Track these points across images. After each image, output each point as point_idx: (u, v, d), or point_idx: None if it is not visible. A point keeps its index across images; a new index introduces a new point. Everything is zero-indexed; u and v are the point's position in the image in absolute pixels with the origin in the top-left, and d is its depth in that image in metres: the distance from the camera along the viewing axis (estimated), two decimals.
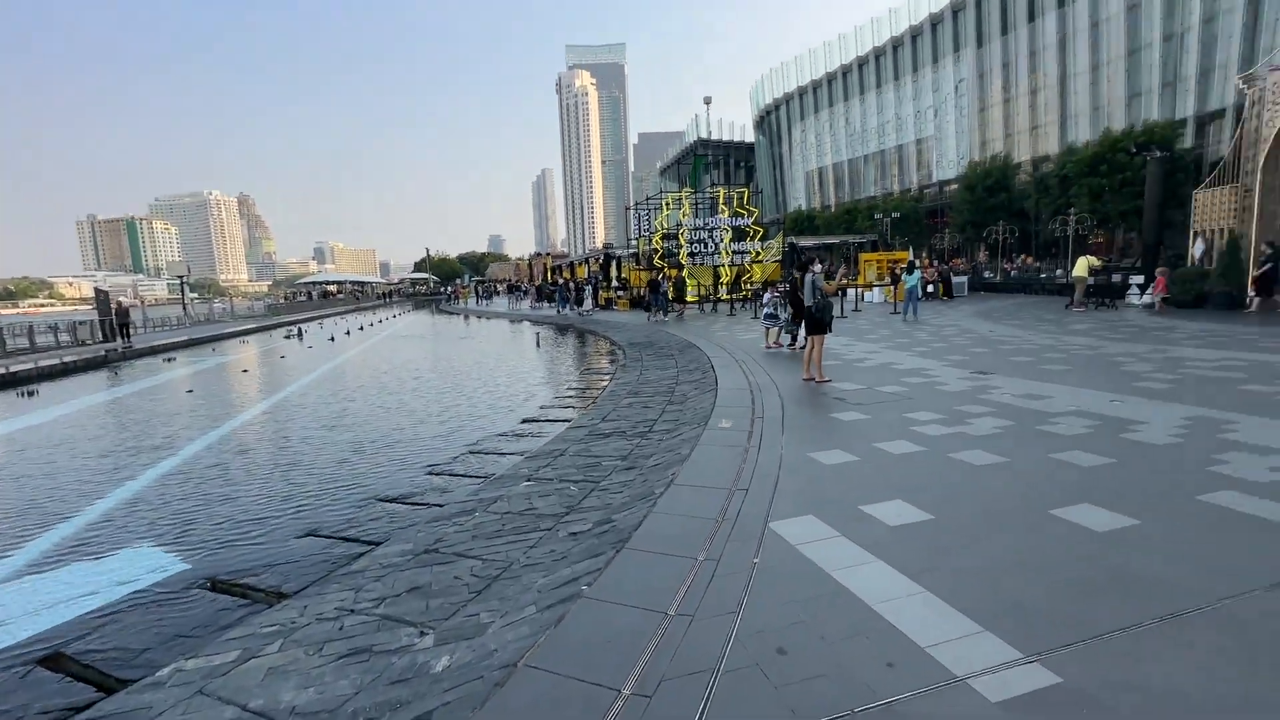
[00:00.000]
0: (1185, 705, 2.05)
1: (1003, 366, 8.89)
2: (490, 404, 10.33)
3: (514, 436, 7.99)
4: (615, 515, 4.21)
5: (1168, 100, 34.86)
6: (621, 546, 3.53)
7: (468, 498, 5.42)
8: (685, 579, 3.06)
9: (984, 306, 19.71)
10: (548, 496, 5.02)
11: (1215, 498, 3.79)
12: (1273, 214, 15.15)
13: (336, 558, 4.58)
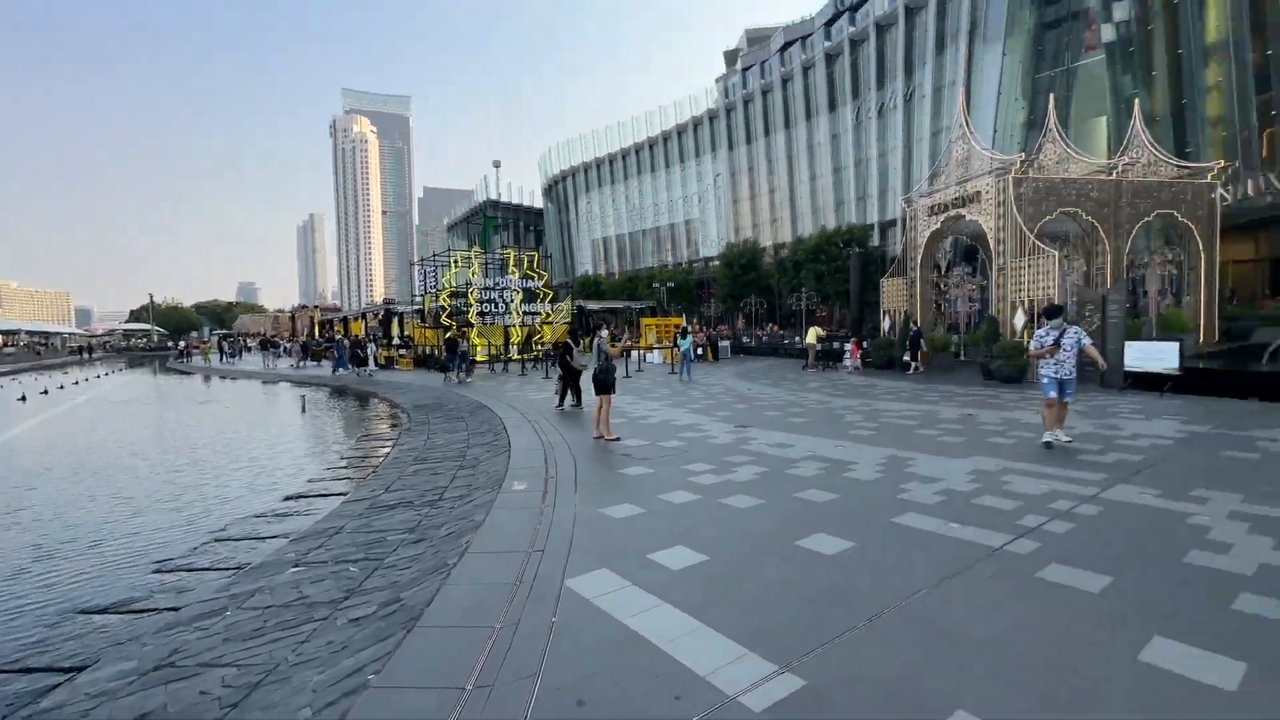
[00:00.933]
0: (888, 688, 2.64)
1: (758, 420, 10.38)
2: (245, 482, 8.85)
3: (276, 517, 6.96)
4: (404, 593, 3.96)
5: (862, 208, 44.93)
6: (413, 625, 3.35)
7: (215, 595, 4.58)
8: (483, 649, 3.02)
9: (743, 368, 22.73)
10: (321, 581, 4.50)
11: (903, 519, 4.92)
12: (929, 299, 20.36)
13: (14, 697, 3.50)
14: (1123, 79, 31.29)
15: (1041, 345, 7.51)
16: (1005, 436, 8.24)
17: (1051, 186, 16.44)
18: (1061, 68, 37.00)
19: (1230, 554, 3.97)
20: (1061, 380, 7.43)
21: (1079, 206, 16.59)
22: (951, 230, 19.72)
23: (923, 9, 40.90)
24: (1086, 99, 35.36)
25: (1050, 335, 7.49)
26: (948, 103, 37.47)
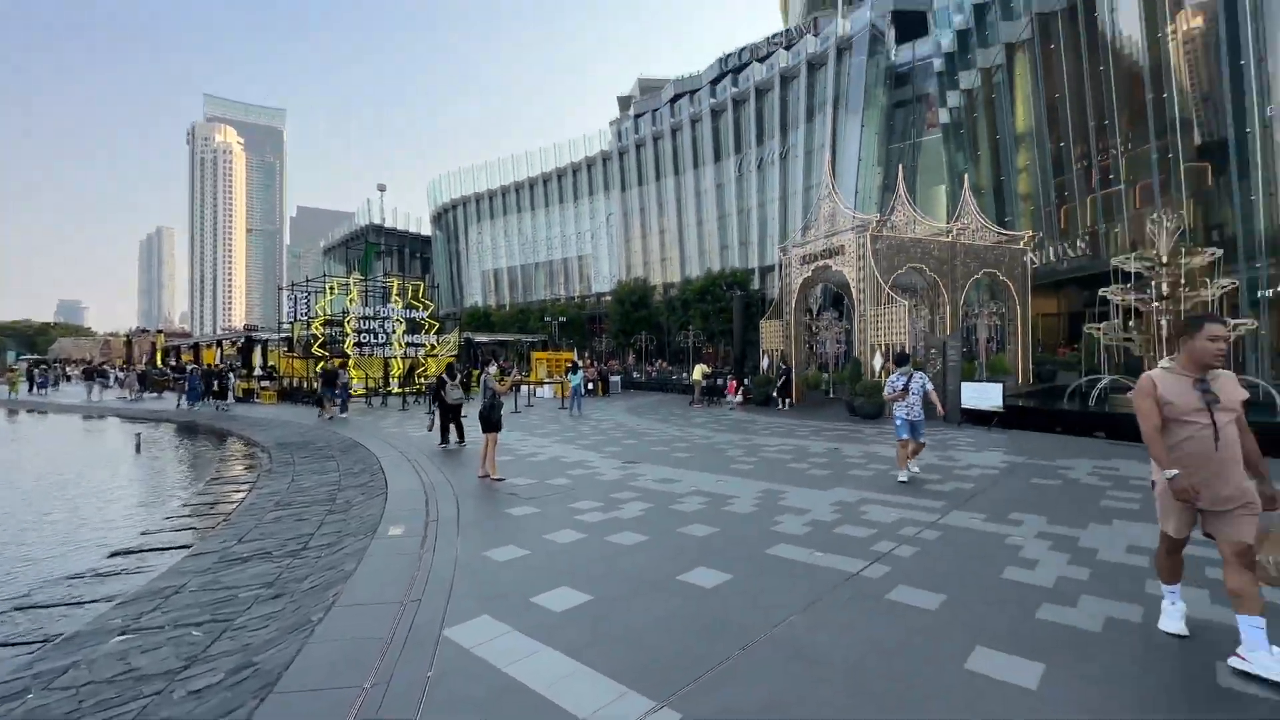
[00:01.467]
0: (759, 716, 2.82)
1: (646, 456, 10.61)
2: (61, 537, 7.59)
3: (98, 578, 6.04)
4: (258, 656, 3.61)
5: (744, 253, 47.95)
6: (267, 693, 3.06)
7: (12, 675, 3.89)
8: (349, 712, 2.84)
9: (633, 403, 23.13)
10: (155, 650, 3.98)
11: (775, 550, 5.26)
12: (802, 340, 22.05)
13: None
14: (956, 155, 36.41)
15: (893, 390, 8.13)
16: (865, 469, 9.07)
17: (901, 244, 18.64)
18: (909, 141, 42.40)
19: (1036, 569, 4.66)
20: (912, 422, 8.06)
21: (924, 263, 18.91)
22: (821, 278, 21.61)
23: (795, 79, 45.29)
24: (929, 170, 40.68)
25: (900, 380, 8.12)
26: (817, 163, 41.45)
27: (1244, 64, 19.21)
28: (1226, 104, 20.10)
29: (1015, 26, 29.03)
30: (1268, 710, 2.78)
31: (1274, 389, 13.24)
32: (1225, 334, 3.18)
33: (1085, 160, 26.49)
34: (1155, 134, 22.86)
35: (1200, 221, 22.16)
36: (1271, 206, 18.90)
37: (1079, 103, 26.12)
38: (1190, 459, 3.15)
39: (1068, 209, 27.84)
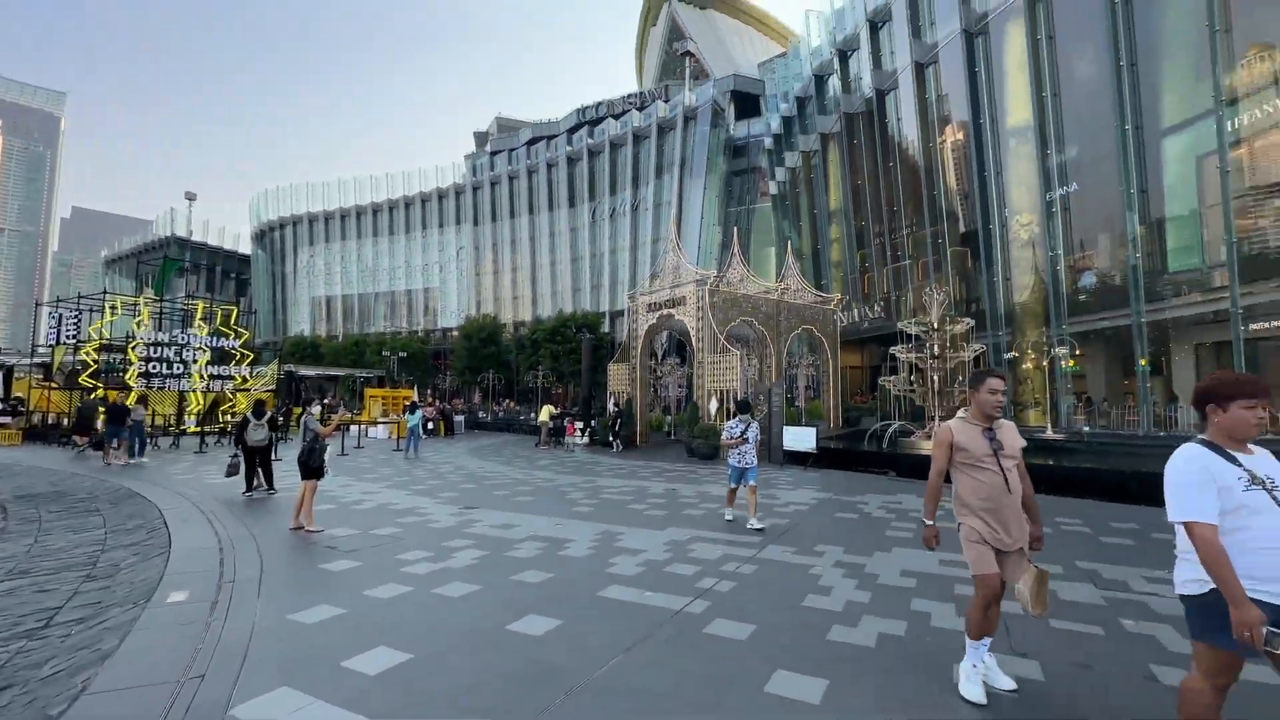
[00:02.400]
0: None
1: (486, 500, 10.29)
2: None
3: None
4: None
5: (595, 296, 49.19)
6: None
7: None
8: None
9: (477, 444, 22.29)
10: None
11: (607, 592, 5.39)
12: (647, 383, 23.01)
13: None
14: (783, 223, 41.11)
15: (730, 436, 8.19)
16: (697, 509, 9.63)
17: (735, 299, 20.48)
18: (745, 206, 47.08)
19: (830, 595, 5.30)
20: (744, 469, 8.17)
21: (754, 317, 20.90)
22: (665, 326, 22.89)
23: (646, 139, 48.44)
24: (762, 232, 45.39)
25: (738, 427, 8.19)
26: (665, 218, 44.31)
27: (987, 175, 24.34)
28: (978, 204, 25.19)
29: (828, 120, 33.97)
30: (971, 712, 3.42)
31: None
32: (1003, 387, 3.44)
33: (881, 238, 31.39)
34: (930, 221, 27.84)
35: (964, 295, 27.18)
36: (1007, 289, 23.86)
37: (876, 189, 31.06)
38: (990, 502, 3.38)
39: (869, 277, 32.61)
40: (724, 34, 73.38)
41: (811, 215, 37.26)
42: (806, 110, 36.24)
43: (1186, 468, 2.44)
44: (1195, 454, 2.46)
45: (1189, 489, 2.39)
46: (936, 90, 27.05)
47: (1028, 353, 22.44)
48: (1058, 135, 21.99)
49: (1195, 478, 2.40)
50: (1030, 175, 22.75)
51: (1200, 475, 2.39)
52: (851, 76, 31.94)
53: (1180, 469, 2.45)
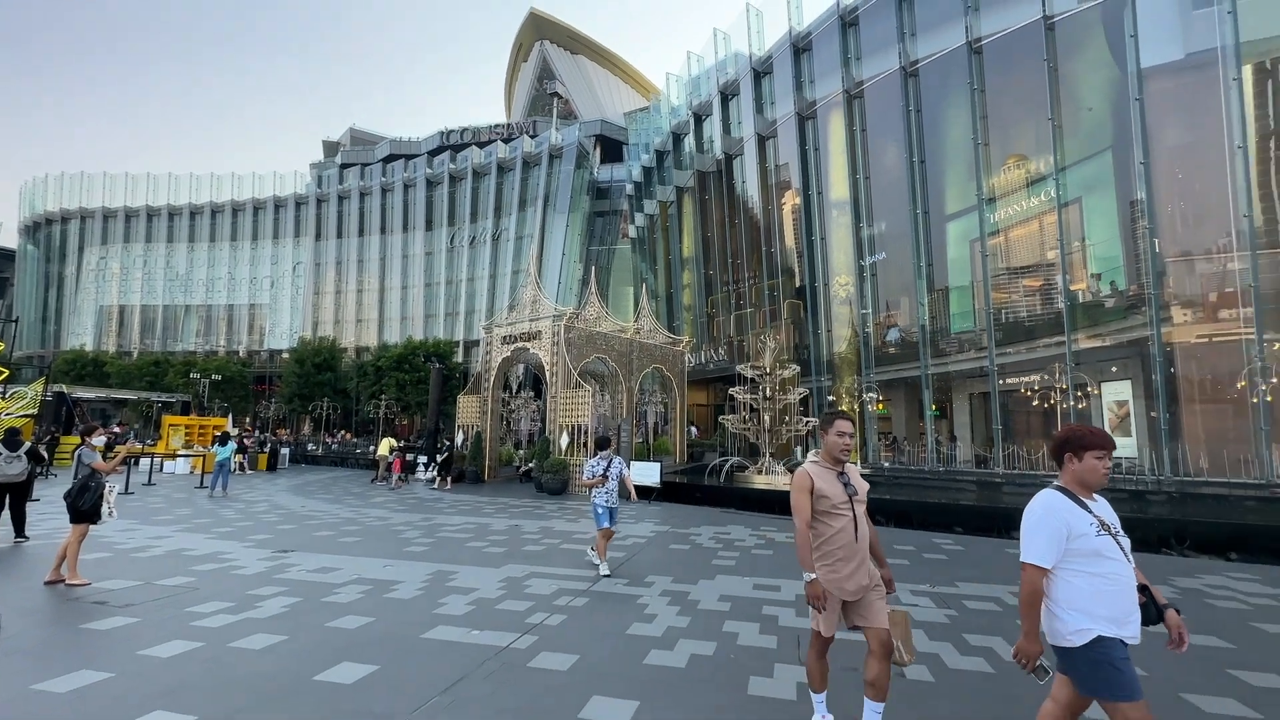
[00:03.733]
0: None
1: (306, 542, 9.40)
2: None
3: None
4: None
5: (450, 325, 47.40)
6: None
7: None
8: None
9: (301, 480, 20.20)
10: None
11: (432, 633, 5.24)
12: (499, 416, 22.52)
13: None
14: (642, 265, 43.01)
15: (593, 474, 7.74)
16: (539, 544, 9.63)
17: (590, 336, 20.99)
18: (607, 246, 48.58)
19: (653, 622, 5.62)
20: (612, 509, 7.77)
21: (608, 354, 21.53)
22: (520, 359, 22.72)
23: (511, 171, 48.48)
24: (621, 272, 47.01)
25: (600, 465, 7.74)
26: (526, 250, 44.29)
27: (815, 239, 27.72)
28: (808, 264, 28.48)
29: (684, 175, 36.59)
30: None
31: None
32: (852, 429, 3.36)
33: (728, 286, 34.11)
34: (769, 275, 30.87)
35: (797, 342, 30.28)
36: (829, 339, 27.11)
37: (724, 242, 33.82)
38: (843, 549, 3.23)
39: (716, 321, 35.14)
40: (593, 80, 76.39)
41: (667, 260, 39.48)
42: (665, 163, 38.74)
43: (1047, 517, 2.56)
44: (1057, 504, 2.59)
45: (1042, 534, 2.53)
46: (776, 160, 30.43)
47: (843, 396, 25.50)
48: (869, 211, 25.75)
49: (1052, 527, 2.53)
50: (848, 242, 26.27)
51: (1057, 526, 2.52)
52: (705, 138, 34.85)
53: (1040, 516, 2.57)
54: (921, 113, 23.71)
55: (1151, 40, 17.98)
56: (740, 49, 30.86)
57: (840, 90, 25.72)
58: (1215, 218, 17.29)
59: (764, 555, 8.88)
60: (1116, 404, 19.78)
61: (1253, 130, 17.24)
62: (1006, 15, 21.09)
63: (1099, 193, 19.97)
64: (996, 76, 21.75)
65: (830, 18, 25.81)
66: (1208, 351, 17.35)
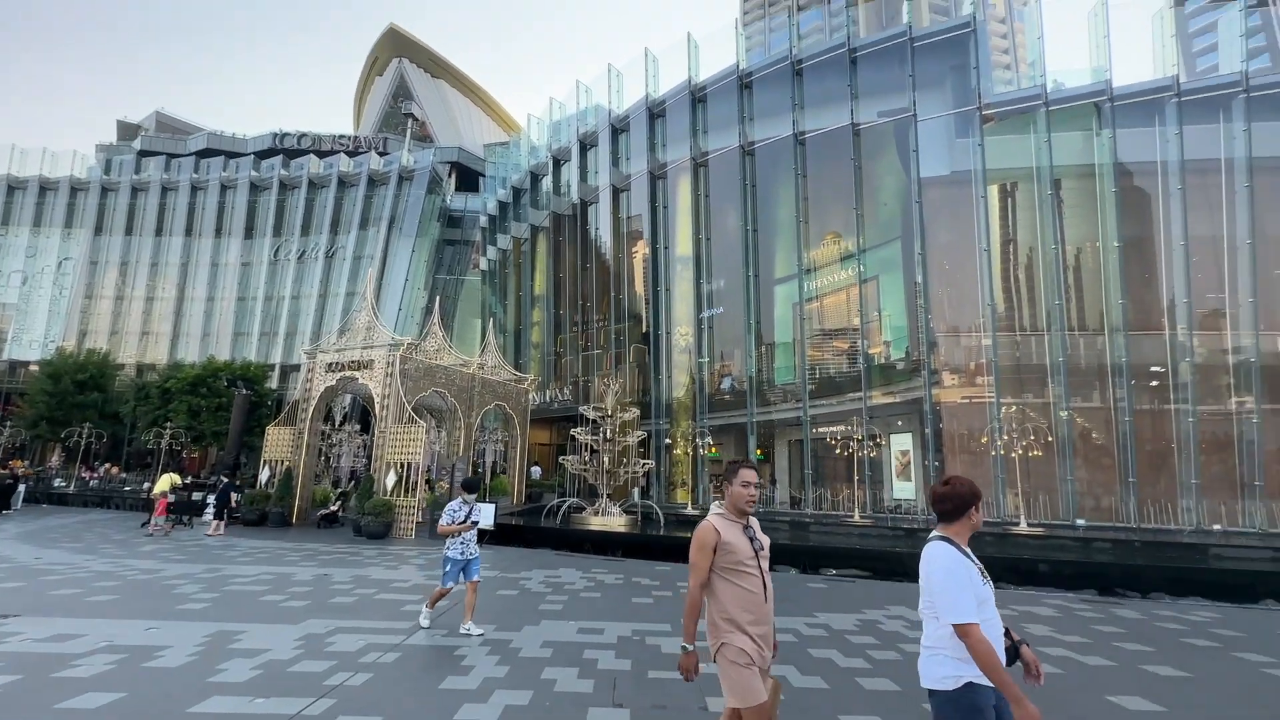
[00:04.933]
0: None
1: (36, 604, 7.64)
2: None
3: None
4: None
5: (265, 346, 42.20)
6: None
7: None
8: None
9: (41, 525, 16.43)
10: None
11: (203, 705, 4.52)
12: (316, 451, 20.29)
13: None
14: (492, 298, 42.11)
15: (453, 520, 6.89)
16: (349, 595, 8.76)
17: (430, 369, 19.97)
18: (455, 276, 46.94)
19: (470, 675, 5.39)
20: (469, 560, 6.99)
21: (447, 388, 20.60)
22: (347, 388, 20.86)
23: (354, 187, 45.35)
24: (470, 303, 45.57)
25: (462, 511, 6.96)
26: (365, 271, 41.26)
27: (660, 289, 29.38)
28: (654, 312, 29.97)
29: (540, 214, 36.93)
30: None
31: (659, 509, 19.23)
32: (756, 479, 3.12)
33: (577, 327, 34.60)
34: (617, 319, 31.93)
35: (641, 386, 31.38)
36: (669, 384, 28.57)
37: (575, 284, 34.43)
38: (753, 609, 2.94)
39: (563, 361, 35.33)
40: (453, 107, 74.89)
41: (519, 296, 39.14)
42: (521, 200, 38.82)
43: (956, 569, 2.54)
44: (957, 555, 2.60)
45: (960, 592, 2.49)
46: (628, 211, 31.99)
47: (679, 440, 26.85)
48: (709, 269, 27.96)
49: (963, 580, 2.52)
50: (690, 295, 28.18)
51: (967, 577, 2.53)
52: (562, 181, 35.65)
53: (950, 570, 2.55)
54: (756, 187, 26.55)
55: (928, 156, 22.10)
56: (601, 102, 32.38)
57: (689, 157, 27.97)
58: (970, 303, 21.35)
59: (592, 598, 8.94)
60: (901, 453, 23.11)
61: (996, 236, 21.76)
62: (825, 116, 24.62)
63: (892, 273, 23.68)
64: (816, 165, 25.15)
65: (682, 92, 28.19)
66: (965, 411, 21.08)
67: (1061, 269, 20.66)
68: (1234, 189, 19.67)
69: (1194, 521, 18.03)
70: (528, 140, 39.31)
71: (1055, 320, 20.26)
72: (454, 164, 51.48)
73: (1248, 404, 18.76)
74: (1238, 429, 18.76)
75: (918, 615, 2.68)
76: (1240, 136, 19.65)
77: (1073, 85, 21.36)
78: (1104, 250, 20.48)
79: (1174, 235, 19.95)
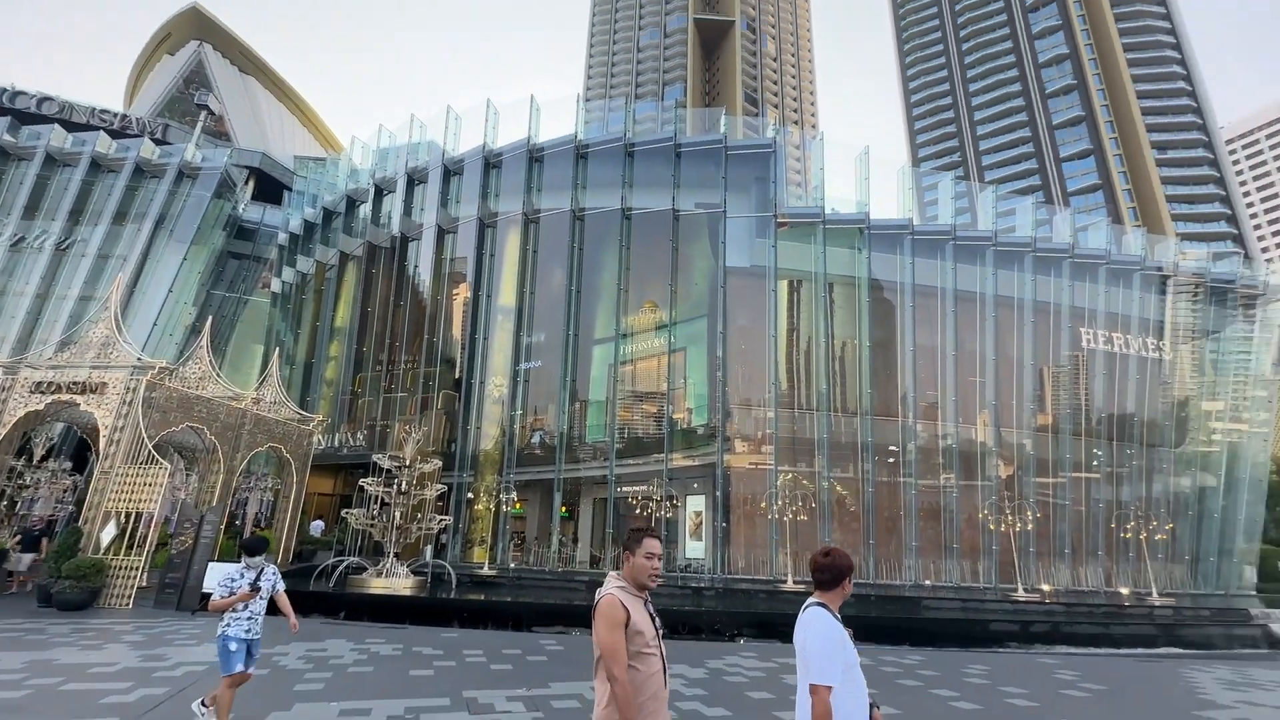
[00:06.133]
0: None
1: None
2: None
3: None
4: None
5: None
6: None
7: None
8: None
9: None
10: None
11: None
12: None
13: None
14: (281, 324, 37.27)
15: (230, 590, 5.68)
16: (17, 690, 6.75)
17: (187, 400, 16.84)
18: (238, 295, 40.87)
19: None
20: (251, 642, 5.79)
21: (208, 425, 17.49)
22: (61, 415, 16.70)
23: (114, 172, 37.91)
24: (252, 328, 39.76)
25: (246, 578, 5.79)
26: (110, 274, 34.04)
27: (479, 337, 28.62)
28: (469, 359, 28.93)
29: (353, 241, 34.15)
30: None
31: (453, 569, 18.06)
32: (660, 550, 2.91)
33: (381, 367, 31.95)
34: (429, 362, 30.19)
35: (447, 435, 29.62)
36: (478, 436, 27.49)
37: (385, 320, 32.03)
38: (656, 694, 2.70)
39: (361, 402, 32.18)
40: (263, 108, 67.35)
41: (314, 326, 35.19)
42: (333, 223, 35.62)
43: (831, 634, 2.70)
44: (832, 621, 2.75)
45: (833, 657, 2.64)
46: (453, 254, 31.05)
47: (482, 495, 25.72)
48: (530, 322, 28.04)
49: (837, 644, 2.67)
50: (508, 346, 27.84)
51: (841, 641, 2.69)
52: (383, 212, 33.57)
53: (826, 635, 2.69)
54: (584, 250, 27.64)
55: (734, 248, 25.08)
56: (436, 140, 31.59)
57: (521, 211, 28.31)
58: (759, 380, 24.15)
59: (362, 673, 8.00)
60: (695, 514, 24.72)
61: (783, 325, 25.13)
62: (650, 197, 26.82)
63: (698, 346, 25.93)
64: (639, 239, 27.06)
65: (521, 148, 28.75)
66: (750, 476, 23.40)
67: (829, 359, 24.47)
68: (945, 311, 25.33)
69: (913, 578, 21.81)
70: (349, 162, 36.65)
71: (823, 402, 23.75)
72: (254, 170, 45.76)
73: (950, 480, 23.58)
74: (943, 500, 23.41)
75: (698, 674, 2.89)
76: (950, 271, 25.54)
77: (844, 211, 26.10)
78: (860, 347, 24.76)
79: (907, 342, 24.91)
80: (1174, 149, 69.09)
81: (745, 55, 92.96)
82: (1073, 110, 72.75)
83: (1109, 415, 26.72)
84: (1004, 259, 26.29)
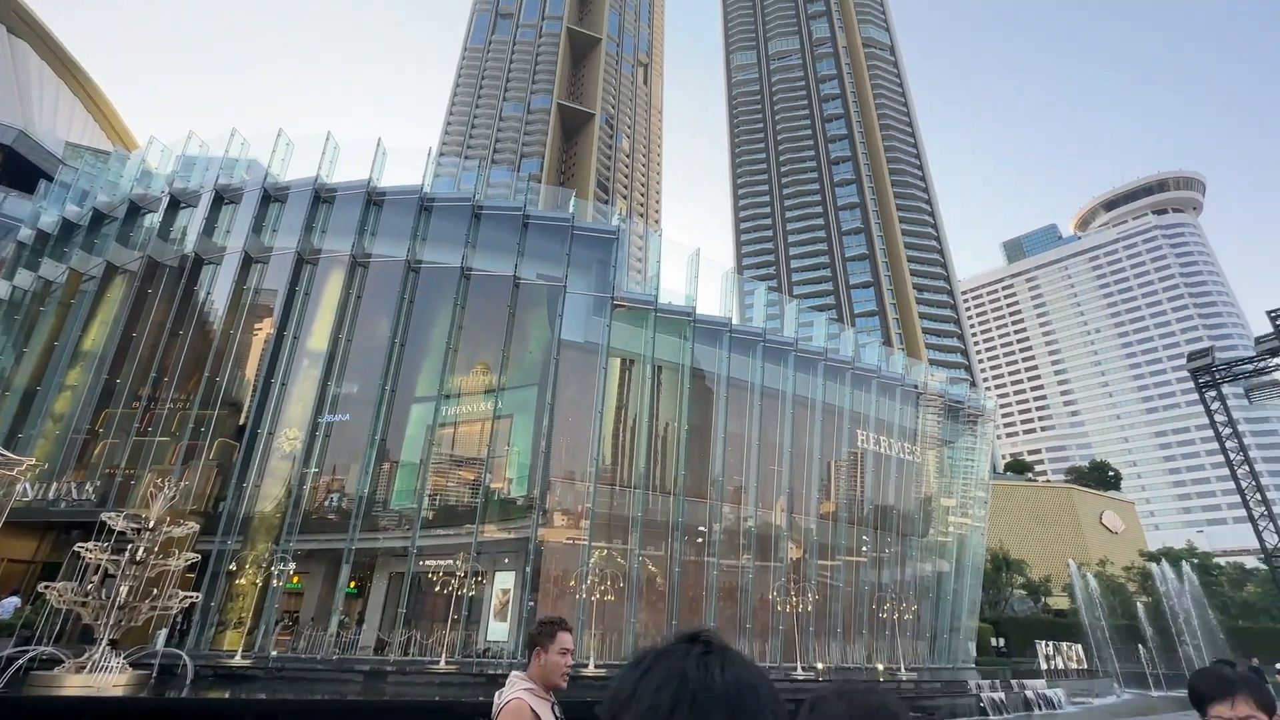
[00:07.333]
0: None
1: None
2: None
3: None
4: None
5: None
6: None
7: None
8: None
9: None
10: None
11: None
12: None
13: None
14: (2, 337, 29.66)
15: None
16: None
17: None
18: None
19: None
20: None
21: None
22: None
23: None
24: None
25: None
26: None
27: (275, 381, 25.20)
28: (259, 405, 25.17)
29: (128, 253, 28.88)
30: None
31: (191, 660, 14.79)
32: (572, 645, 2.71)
33: (140, 403, 26.48)
34: (205, 404, 25.68)
35: (215, 492, 24.96)
36: (256, 495, 23.57)
37: (155, 348, 26.86)
38: None
39: (100, 444, 26.12)
40: (32, 79, 56.19)
41: (50, 345, 28.46)
42: (104, 228, 29.93)
43: None
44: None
45: None
46: (259, 285, 27.57)
47: (249, 566, 21.83)
48: (342, 371, 25.48)
49: None
50: (311, 396, 24.85)
51: None
52: (176, 226, 29.06)
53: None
54: (414, 304, 26.27)
55: (570, 323, 25.57)
56: (258, 158, 28.65)
57: (349, 253, 26.33)
58: (581, 454, 24.23)
59: None
60: (502, 591, 23.36)
61: (611, 402, 25.77)
62: (493, 261, 26.61)
63: (525, 414, 25.45)
64: (477, 301, 26.47)
65: (359, 188, 27.12)
66: (564, 552, 22.88)
67: (651, 438, 25.47)
68: (752, 404, 28.00)
69: None
70: (140, 162, 31.65)
71: (641, 479, 24.42)
72: (8, 149, 37.43)
73: (748, 560, 25.25)
74: (740, 580, 24.88)
75: None
76: (759, 369, 28.50)
77: (675, 303, 28.20)
78: (679, 430, 26.18)
79: (719, 428, 26.92)
80: (928, 291, 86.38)
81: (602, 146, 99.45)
82: (859, 249, 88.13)
83: (875, 506, 30.96)
84: (802, 364, 30.07)
